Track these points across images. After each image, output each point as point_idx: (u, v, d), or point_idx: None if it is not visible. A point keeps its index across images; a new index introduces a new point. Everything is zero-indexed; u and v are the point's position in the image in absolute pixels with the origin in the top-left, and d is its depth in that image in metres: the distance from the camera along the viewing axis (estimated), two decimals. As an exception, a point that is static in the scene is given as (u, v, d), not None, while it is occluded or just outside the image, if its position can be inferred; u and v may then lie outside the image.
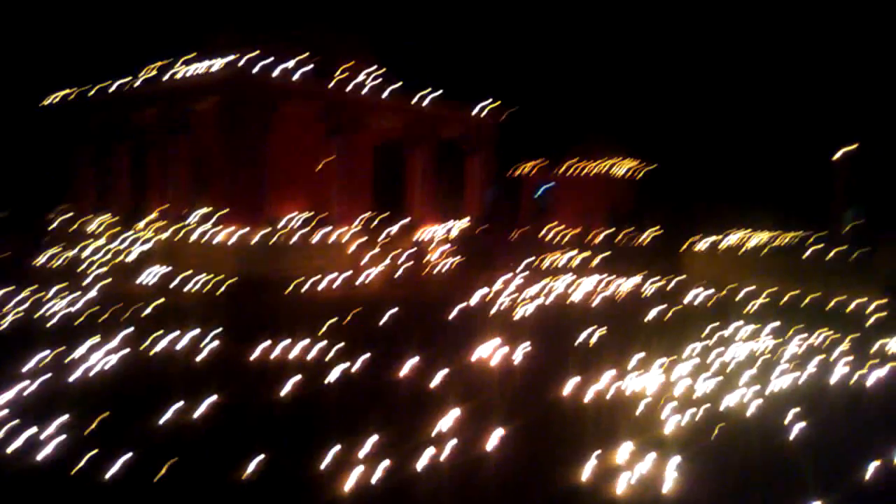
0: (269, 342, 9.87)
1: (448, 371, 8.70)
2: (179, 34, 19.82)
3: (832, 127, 25.18)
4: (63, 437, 6.21)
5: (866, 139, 18.59)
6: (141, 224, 18.06)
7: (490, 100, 21.81)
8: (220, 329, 10.41)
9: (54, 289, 13.72)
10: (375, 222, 20.08)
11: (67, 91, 20.55)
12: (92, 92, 19.59)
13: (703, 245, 19.23)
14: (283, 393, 7.87)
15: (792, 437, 6.69)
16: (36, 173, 22.95)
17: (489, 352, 9.98)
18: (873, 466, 5.89)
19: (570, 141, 30.21)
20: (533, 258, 21.80)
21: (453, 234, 20.69)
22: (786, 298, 15.72)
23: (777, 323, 12.01)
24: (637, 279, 18.48)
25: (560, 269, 20.97)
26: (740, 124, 31.51)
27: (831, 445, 6.53)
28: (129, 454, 5.80)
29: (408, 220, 20.06)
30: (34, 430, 6.32)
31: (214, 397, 7.29)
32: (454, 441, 6.34)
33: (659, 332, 11.54)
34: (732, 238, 20.94)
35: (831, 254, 16.49)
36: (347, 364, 8.96)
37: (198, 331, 10.24)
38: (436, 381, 8.47)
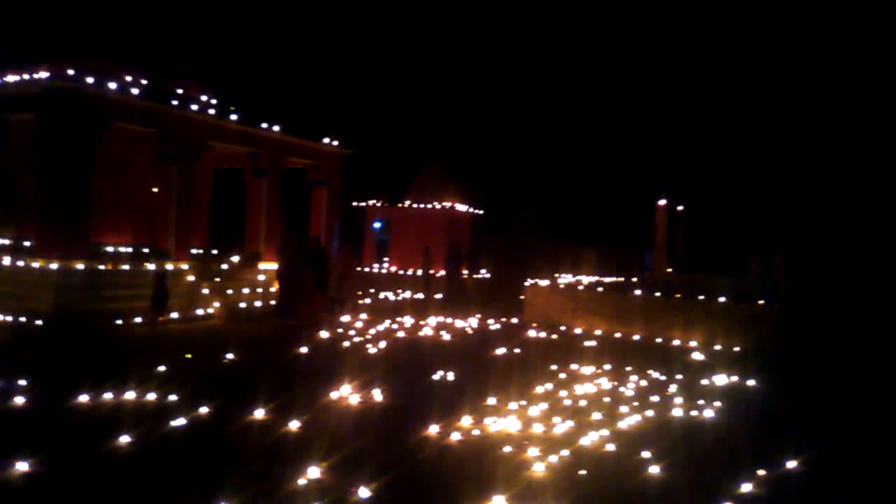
0: (91, 391, 8.74)
1: (301, 418, 8.17)
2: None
3: (649, 178, 27.72)
4: None
5: (681, 193, 20.56)
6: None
7: (333, 135, 21.55)
8: (30, 376, 9.07)
9: None
10: (215, 254, 18.87)
11: None
12: None
13: (534, 285, 20.06)
14: (114, 450, 6.92)
15: (651, 476, 6.92)
16: None
17: (344, 393, 9.57)
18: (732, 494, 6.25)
19: (409, 179, 30.59)
20: (370, 296, 21.59)
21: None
22: (617, 337, 16.76)
23: (610, 364, 12.70)
24: (477, 318, 18.86)
25: (400, 306, 20.91)
26: (565, 173, 33.72)
27: (690, 483, 6.82)
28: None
29: (249, 251, 19.07)
30: None
31: (24, 464, 6.24)
32: (316, 497, 5.86)
33: (504, 372, 11.73)
34: (561, 280, 22.11)
35: (651, 297, 17.81)
36: (189, 413, 8.12)
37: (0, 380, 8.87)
38: (291, 427, 7.91)
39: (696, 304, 16.85)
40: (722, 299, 16.61)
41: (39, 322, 13.56)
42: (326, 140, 21.23)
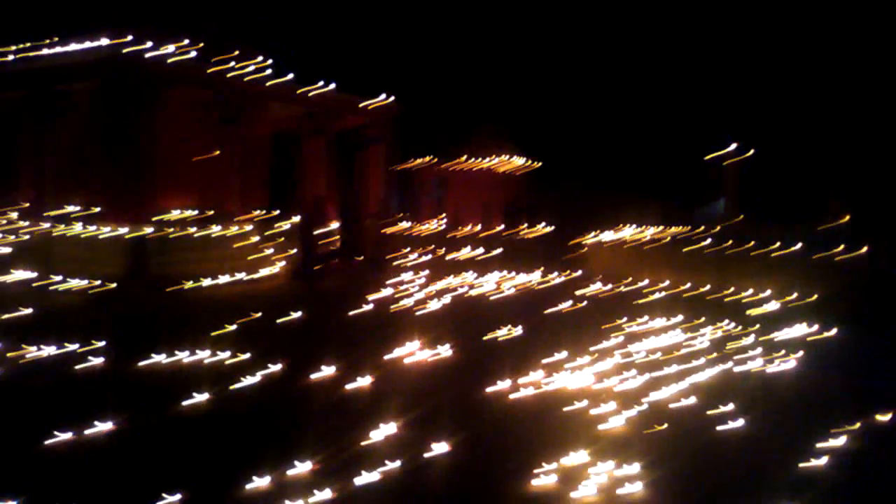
0: (164, 353, 8.91)
1: (370, 375, 8.16)
2: (53, 12, 17.70)
3: (709, 128, 26.61)
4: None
5: (742, 142, 19.59)
6: (4, 220, 16.09)
7: (385, 94, 21.29)
8: (106, 339, 9.29)
9: None
10: (273, 217, 19.01)
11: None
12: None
13: (594, 239, 19.65)
14: (189, 411, 7.03)
15: (733, 430, 6.66)
16: None
17: (409, 353, 9.52)
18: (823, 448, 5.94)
19: (463, 137, 30.18)
20: (432, 254, 21.53)
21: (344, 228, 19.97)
22: (683, 291, 16.28)
23: (681, 316, 12.32)
24: (538, 274, 18.60)
25: (460, 264, 20.78)
26: (623, 124, 32.67)
27: (774, 437, 6.55)
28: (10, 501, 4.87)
29: (306, 214, 19.09)
30: None
31: (108, 423, 6.37)
32: (394, 453, 5.82)
33: (571, 327, 11.51)
34: (622, 233, 21.58)
35: (718, 247, 17.20)
36: (259, 373, 8.20)
37: (77, 343, 9.10)
38: (359, 386, 7.92)
39: (768, 253, 16.17)
40: (797, 247, 15.89)
41: (111, 286, 13.91)
42: (381, 97, 21.01)
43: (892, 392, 7.57)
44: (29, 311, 11.37)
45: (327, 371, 8.41)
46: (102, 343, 9.15)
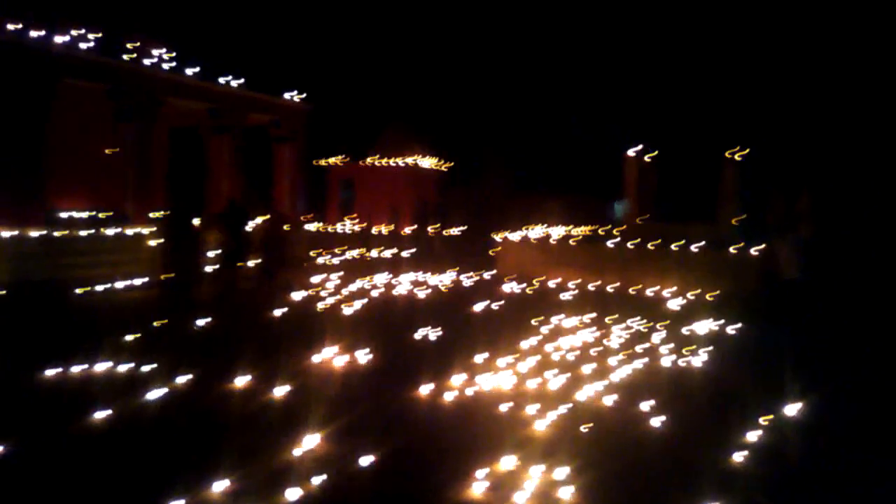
0: (61, 364, 8.23)
1: (287, 383, 7.81)
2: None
3: (616, 126, 27.44)
4: None
5: (648, 141, 20.25)
6: None
7: (294, 91, 20.75)
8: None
9: None
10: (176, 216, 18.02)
11: None
12: None
13: (507, 239, 19.86)
14: (92, 427, 6.48)
15: (654, 428, 6.76)
16: None
17: (327, 357, 9.21)
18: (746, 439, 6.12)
19: (374, 136, 29.88)
20: (344, 255, 21.14)
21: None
22: (593, 288, 16.66)
23: (593, 313, 12.57)
24: (452, 274, 18.59)
25: (373, 265, 20.50)
26: (534, 123, 33.24)
27: (696, 432, 6.69)
28: None
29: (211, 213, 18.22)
30: None
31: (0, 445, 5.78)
32: (317, 467, 5.55)
33: (490, 327, 11.50)
34: (532, 232, 21.92)
35: (626, 245, 17.71)
36: (168, 383, 7.69)
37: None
38: (275, 395, 7.56)
39: (669, 251, 16.79)
40: (697, 246, 16.57)
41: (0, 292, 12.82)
42: (288, 95, 20.43)
43: (797, 385, 7.92)
44: None
45: (241, 380, 8.01)
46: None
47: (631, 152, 20.80)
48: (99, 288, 13.87)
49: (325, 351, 9.37)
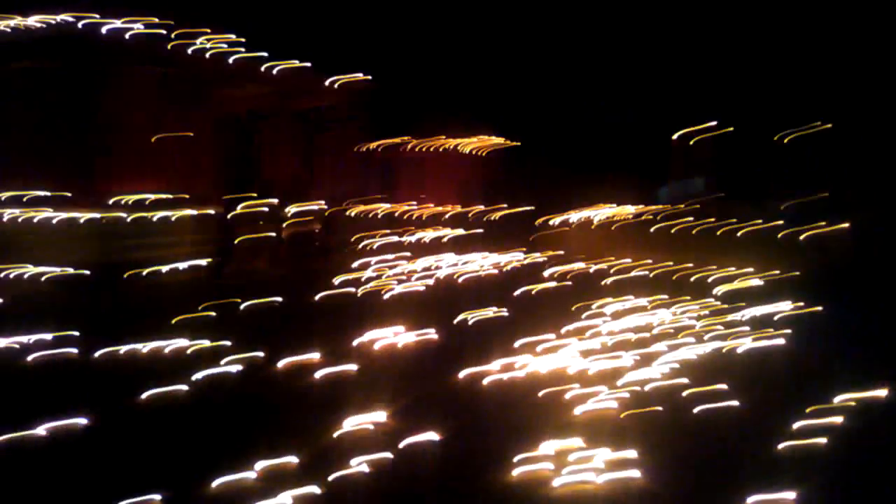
0: (137, 341, 8.53)
1: (350, 361, 7.89)
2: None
3: (686, 106, 26.51)
4: None
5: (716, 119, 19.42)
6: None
7: (356, 71, 20.75)
8: (78, 328, 8.87)
9: None
10: (234, 201, 18.36)
11: None
12: None
13: (574, 218, 19.54)
14: (166, 400, 6.70)
15: (729, 412, 6.52)
16: None
17: (390, 337, 9.24)
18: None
19: (438, 116, 29.74)
20: (409, 235, 21.22)
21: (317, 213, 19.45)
22: (666, 269, 16.19)
23: (664, 295, 12.19)
24: (518, 254, 18.40)
25: (439, 245, 20.49)
26: (600, 101, 32.49)
27: (769, 416, 6.42)
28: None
29: (269, 198, 18.48)
30: None
31: (82, 416, 6.04)
32: (376, 443, 5.58)
33: (555, 307, 11.32)
34: (601, 211, 21.49)
35: (700, 225, 17.15)
36: (236, 360, 7.87)
37: (48, 334, 8.68)
38: (339, 372, 7.64)
39: (741, 231, 16.13)
40: (772, 225, 15.87)
41: (79, 273, 13.32)
42: (349, 76, 20.47)
43: (884, 367, 7.49)
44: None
45: (306, 357, 8.11)
46: (75, 332, 8.74)
47: (685, 132, 20.03)
48: (165, 268, 14.20)
49: (390, 331, 9.39)
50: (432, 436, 5.74)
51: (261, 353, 8.16)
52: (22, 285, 12.51)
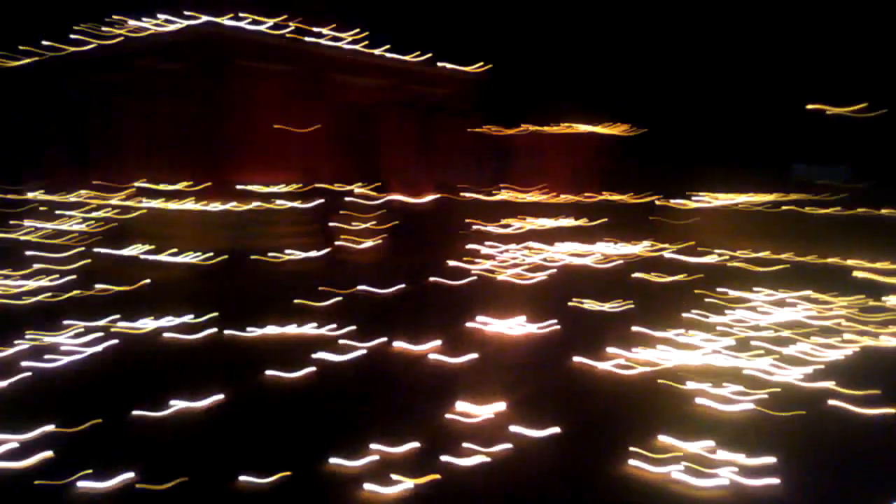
0: (271, 324, 8.95)
1: (472, 349, 7.88)
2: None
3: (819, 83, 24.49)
4: (48, 451, 5.25)
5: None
6: (112, 198, 16.68)
7: (474, 61, 20.73)
8: (214, 311, 9.45)
9: (29, 268, 12.58)
10: (357, 191, 18.90)
11: (25, 57, 18.96)
12: (48, 55, 18.05)
13: (703, 206, 18.57)
14: (300, 382, 6.98)
15: (882, 420, 5.96)
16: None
17: (512, 325, 9.17)
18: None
19: (556, 102, 29.20)
20: (529, 223, 21.01)
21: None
22: (808, 262, 15.10)
23: (808, 290, 11.34)
24: (644, 244, 17.78)
25: (561, 233, 20.16)
26: (724, 84, 30.76)
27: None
28: (129, 469, 4.90)
29: (389, 187, 18.78)
30: (12, 438, 5.38)
31: (220, 395, 6.40)
32: (496, 433, 5.52)
33: (687, 300, 10.80)
34: (733, 199, 20.31)
35: (847, 213, 15.85)
36: (364, 345, 8.07)
37: (190, 314, 9.30)
38: (464, 360, 7.65)
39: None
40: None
41: (209, 260, 14.13)
42: (463, 67, 20.48)
43: None
44: (144, 282, 11.82)
45: (429, 345, 8.19)
46: (212, 315, 9.31)
47: (826, 111, 18.40)
48: (298, 255, 14.80)
49: (509, 320, 9.33)
50: (549, 427, 5.61)
51: (379, 339, 8.32)
52: (167, 269, 13.49)
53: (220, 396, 6.38)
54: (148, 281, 12.01)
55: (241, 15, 15.04)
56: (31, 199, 18.15)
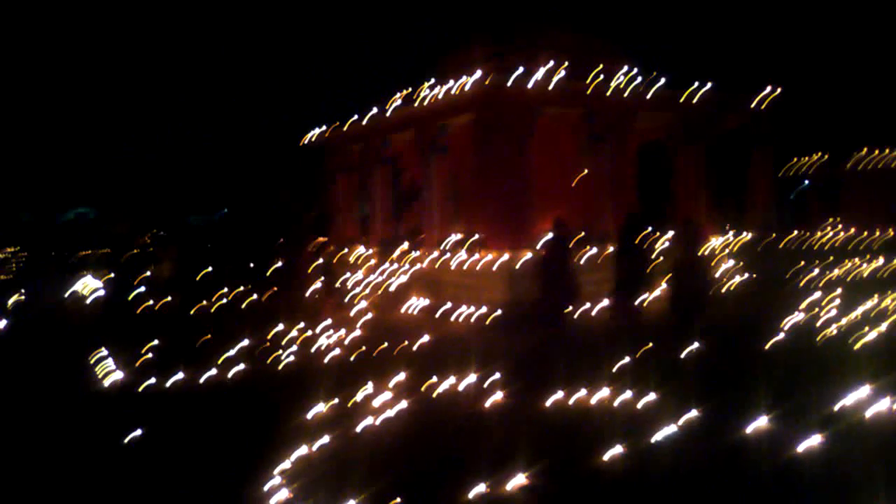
0: (563, 388, 8.16)
1: (817, 431, 6.33)
2: (425, 58, 18.99)
3: None
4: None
5: None
6: (397, 253, 17.38)
7: (767, 88, 18.58)
8: (500, 371, 8.90)
9: (320, 326, 13.29)
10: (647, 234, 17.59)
11: (323, 129, 20.79)
12: (346, 126, 19.58)
13: None
14: (609, 464, 6.07)
15: None
16: (298, 209, 23.54)
17: (865, 402, 7.33)
18: None
19: (858, 130, 25.44)
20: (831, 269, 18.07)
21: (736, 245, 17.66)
22: None
23: None
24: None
25: (877, 281, 16.97)
26: None
27: None
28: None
29: (688, 229, 17.20)
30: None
31: (526, 470, 5.71)
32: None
33: None
34: None
35: None
36: (677, 421, 6.92)
37: (474, 375, 8.86)
38: (808, 445, 6.16)
39: None
40: None
41: (496, 312, 13.86)
42: (755, 99, 18.40)
43: None
44: (427, 338, 11.80)
45: (759, 423, 6.78)
46: (502, 374, 8.80)
47: None
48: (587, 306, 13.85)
49: (857, 392, 7.49)
50: None
51: (701, 411, 7.09)
52: (451, 325, 13.46)
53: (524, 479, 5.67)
54: (428, 338, 11.95)
55: (521, 65, 14.89)
56: (320, 256, 18.91)
